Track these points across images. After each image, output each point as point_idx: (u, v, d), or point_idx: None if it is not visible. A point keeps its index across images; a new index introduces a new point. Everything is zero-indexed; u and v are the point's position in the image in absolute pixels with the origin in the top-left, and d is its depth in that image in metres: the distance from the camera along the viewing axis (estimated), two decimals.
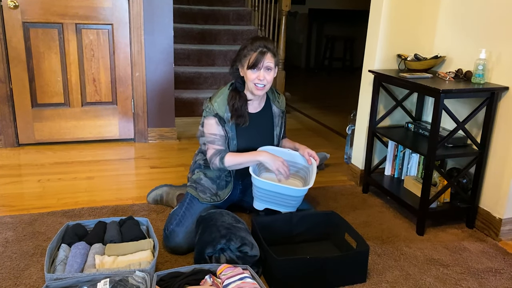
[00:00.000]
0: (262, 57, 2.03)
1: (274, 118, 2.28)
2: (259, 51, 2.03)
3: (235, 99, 2.12)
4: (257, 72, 2.05)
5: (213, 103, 2.12)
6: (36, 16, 3.11)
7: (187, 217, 2.08)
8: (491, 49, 2.30)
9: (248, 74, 2.07)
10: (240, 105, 2.12)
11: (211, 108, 2.12)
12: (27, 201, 2.49)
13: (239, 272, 1.66)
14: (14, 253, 1.98)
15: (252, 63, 2.03)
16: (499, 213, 2.28)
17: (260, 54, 2.03)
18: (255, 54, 2.03)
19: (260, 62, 2.03)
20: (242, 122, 2.13)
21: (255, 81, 2.06)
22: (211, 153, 2.12)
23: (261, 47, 2.04)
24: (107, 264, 1.75)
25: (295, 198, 2.09)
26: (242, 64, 2.09)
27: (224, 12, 5.22)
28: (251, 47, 2.05)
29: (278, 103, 2.28)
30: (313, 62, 7.87)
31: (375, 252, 2.14)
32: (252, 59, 2.03)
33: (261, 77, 2.05)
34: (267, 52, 2.04)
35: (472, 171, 2.42)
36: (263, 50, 2.04)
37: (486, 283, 1.93)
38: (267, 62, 2.04)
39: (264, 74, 2.05)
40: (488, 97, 2.24)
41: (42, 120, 3.31)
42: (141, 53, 3.36)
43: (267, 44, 2.05)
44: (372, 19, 2.69)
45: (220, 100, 2.13)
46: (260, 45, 2.04)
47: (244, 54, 2.07)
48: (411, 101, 2.78)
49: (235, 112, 2.11)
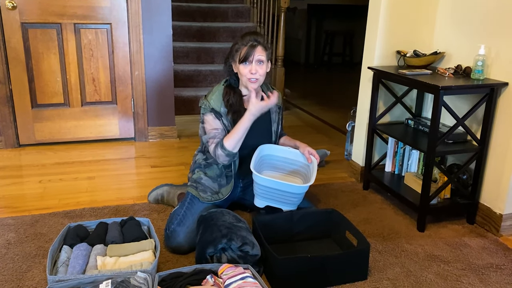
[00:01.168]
0: (253, 50, 2.06)
1: (271, 114, 2.29)
2: (250, 45, 2.06)
3: (229, 95, 2.14)
4: (249, 66, 2.07)
5: (209, 99, 2.15)
6: (34, 16, 3.11)
7: (188, 217, 2.09)
8: (490, 45, 2.30)
9: (240, 68, 2.09)
10: (235, 100, 2.14)
11: (207, 104, 2.14)
12: (28, 202, 2.50)
13: (240, 271, 1.67)
14: (16, 255, 1.99)
15: (243, 57, 2.06)
16: (500, 209, 2.28)
17: (250, 48, 2.06)
18: (246, 47, 2.07)
19: (251, 55, 2.06)
20: (238, 117, 2.14)
21: (248, 75, 2.08)
22: (212, 147, 2.12)
23: (251, 41, 2.07)
24: (109, 265, 1.75)
25: (296, 195, 2.09)
26: (235, 59, 2.12)
27: (222, 9, 5.21)
28: (242, 42, 2.09)
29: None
30: (312, 58, 7.85)
31: (376, 249, 2.15)
32: (243, 52, 2.06)
33: (253, 70, 2.06)
34: (257, 45, 2.07)
35: (472, 167, 2.42)
36: (253, 44, 2.07)
37: (487, 279, 1.94)
38: (258, 55, 2.06)
39: (256, 67, 2.07)
40: (488, 93, 2.24)
41: (42, 120, 3.31)
42: (140, 52, 3.36)
43: (257, 38, 2.09)
44: (371, 15, 2.68)
45: (215, 96, 2.15)
46: (250, 39, 2.08)
47: (235, 49, 2.10)
48: (411, 97, 2.78)
49: (230, 108, 2.14)
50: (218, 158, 2.11)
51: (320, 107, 4.89)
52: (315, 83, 6.44)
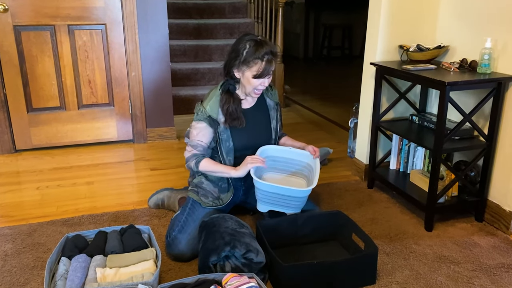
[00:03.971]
0: (270, 66, 1.96)
1: (270, 111, 2.22)
2: (266, 60, 1.94)
3: (228, 103, 2.05)
4: (261, 80, 1.99)
5: (206, 106, 2.07)
6: (27, 19, 3.03)
7: (189, 223, 2.03)
8: (497, 37, 2.23)
9: (251, 80, 1.99)
10: (234, 108, 2.06)
11: (203, 111, 2.06)
12: (26, 210, 2.44)
13: (245, 281, 1.61)
14: (14, 267, 1.93)
15: (259, 73, 1.96)
16: (509, 206, 2.23)
17: (267, 63, 1.95)
18: (263, 64, 1.94)
19: (269, 72, 1.97)
20: (238, 125, 2.08)
21: (258, 87, 2.01)
22: (189, 154, 2.10)
23: (267, 55, 1.94)
24: (109, 277, 1.70)
25: (298, 198, 2.03)
26: (243, 69, 1.99)
27: (219, 5, 5.13)
28: (257, 55, 1.93)
29: (271, 95, 2.23)
30: (311, 52, 7.77)
31: (384, 251, 2.09)
32: (260, 68, 1.94)
33: (265, 83, 2.00)
34: (273, 59, 1.96)
35: (480, 164, 2.36)
36: (269, 58, 1.94)
37: (499, 280, 1.88)
38: (271, 69, 1.99)
39: (267, 81, 2.01)
40: (495, 88, 2.17)
41: (39, 124, 3.25)
42: (136, 53, 3.28)
43: (272, 50, 1.95)
44: (372, 9, 2.61)
45: (212, 102, 2.07)
46: (267, 52, 1.93)
47: (247, 60, 1.95)
48: (414, 93, 2.71)
49: (229, 116, 2.06)
50: (186, 162, 2.12)
51: (320, 102, 4.82)
52: (315, 78, 6.37)
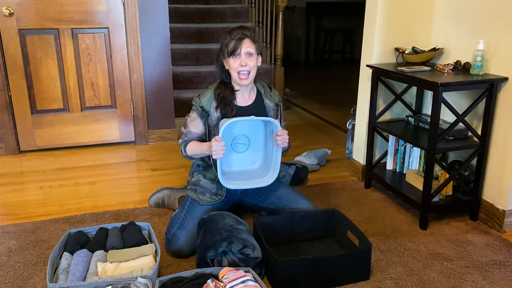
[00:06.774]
0: (240, 42, 2.07)
1: (268, 112, 2.26)
2: (237, 38, 2.08)
3: (221, 89, 2.17)
4: (238, 59, 2.08)
5: (201, 98, 2.19)
6: (31, 22, 3.11)
7: (188, 220, 2.08)
8: (489, 40, 2.28)
9: (230, 63, 2.10)
10: (226, 93, 2.16)
11: (198, 102, 2.19)
12: (29, 209, 2.49)
13: (241, 275, 1.66)
14: (17, 262, 1.99)
15: (231, 50, 2.07)
16: (502, 205, 2.27)
17: (238, 40, 2.08)
18: (234, 41, 2.08)
19: (239, 48, 2.07)
20: (228, 111, 2.14)
21: (238, 68, 2.08)
22: (181, 140, 2.25)
23: (238, 34, 2.09)
24: (109, 271, 1.75)
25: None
26: (224, 55, 2.13)
27: (220, 10, 5.19)
28: (230, 37, 2.11)
29: (271, 97, 2.28)
30: (312, 56, 7.83)
31: (378, 248, 2.13)
32: (231, 46, 2.08)
33: (243, 62, 2.07)
34: (244, 38, 2.09)
35: (474, 163, 2.41)
36: (240, 36, 2.08)
37: (490, 276, 1.92)
38: (246, 47, 2.07)
39: (245, 60, 2.07)
40: (488, 89, 2.22)
41: (42, 126, 3.31)
42: (138, 55, 3.35)
43: (244, 31, 2.11)
44: (368, 13, 2.67)
45: (208, 94, 2.19)
46: (238, 32, 2.10)
47: (224, 44, 2.12)
48: (410, 94, 2.76)
49: (221, 101, 2.15)
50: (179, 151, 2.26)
51: (320, 105, 4.88)
52: (316, 81, 6.42)
